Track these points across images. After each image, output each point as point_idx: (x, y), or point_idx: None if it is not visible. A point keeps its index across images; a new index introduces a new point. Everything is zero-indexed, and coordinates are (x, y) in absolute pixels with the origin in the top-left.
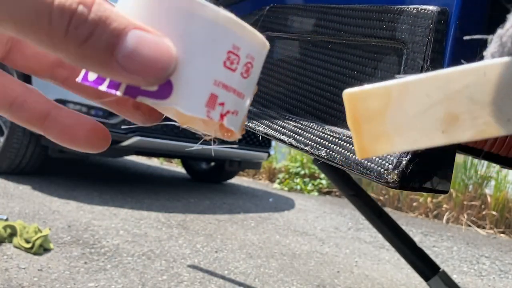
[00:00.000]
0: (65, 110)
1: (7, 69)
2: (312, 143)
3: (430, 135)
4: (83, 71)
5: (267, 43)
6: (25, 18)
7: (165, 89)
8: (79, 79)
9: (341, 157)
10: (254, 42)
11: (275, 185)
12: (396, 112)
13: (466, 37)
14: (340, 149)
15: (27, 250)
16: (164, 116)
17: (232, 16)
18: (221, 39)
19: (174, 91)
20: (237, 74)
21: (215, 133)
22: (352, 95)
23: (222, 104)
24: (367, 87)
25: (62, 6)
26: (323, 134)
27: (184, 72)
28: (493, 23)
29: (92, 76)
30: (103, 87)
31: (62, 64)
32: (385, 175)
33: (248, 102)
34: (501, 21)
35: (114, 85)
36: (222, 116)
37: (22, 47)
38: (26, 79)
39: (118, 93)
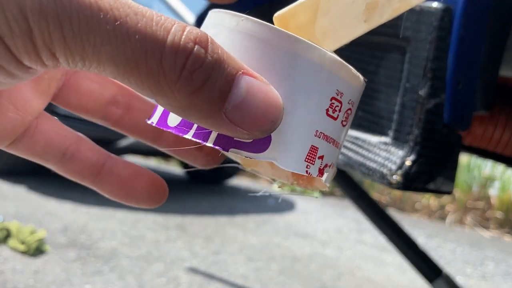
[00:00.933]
0: (120, 161)
1: None
2: None
3: (353, 28)
4: (157, 114)
5: (364, 83)
6: (130, 59)
7: (262, 142)
8: (152, 121)
9: (344, 158)
10: (355, 85)
11: (275, 186)
12: (324, 18)
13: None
14: (343, 150)
15: (23, 252)
16: (225, 157)
17: (336, 57)
18: (326, 85)
19: (273, 144)
20: (337, 122)
21: (287, 179)
22: (282, 16)
23: (321, 157)
24: (294, 4)
25: (177, 46)
26: None
27: (284, 123)
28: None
29: (173, 121)
30: (188, 136)
31: (116, 102)
32: (388, 176)
33: (340, 151)
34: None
35: (202, 135)
36: (320, 170)
37: (76, 82)
38: None
39: (209, 144)
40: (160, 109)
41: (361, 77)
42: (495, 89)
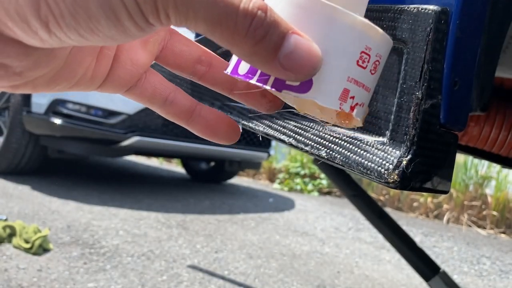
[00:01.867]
0: (206, 107)
1: None
2: (312, 143)
3: None
4: (231, 66)
5: (392, 42)
6: (216, 19)
7: (306, 85)
8: (228, 71)
9: (341, 157)
10: (383, 43)
11: (275, 185)
12: None
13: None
14: (340, 149)
15: (27, 250)
16: (284, 104)
17: (366, 21)
18: (357, 41)
19: (313, 86)
20: (367, 71)
21: (332, 120)
22: None
23: (352, 97)
24: None
25: (246, 10)
26: (323, 134)
27: (323, 70)
28: (494, 23)
29: (242, 70)
30: (253, 81)
31: (201, 61)
32: (385, 175)
33: (371, 94)
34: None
35: (263, 80)
36: (352, 108)
37: (172, 46)
38: None
39: (267, 87)
40: (233, 62)
41: (388, 36)
42: (491, 90)
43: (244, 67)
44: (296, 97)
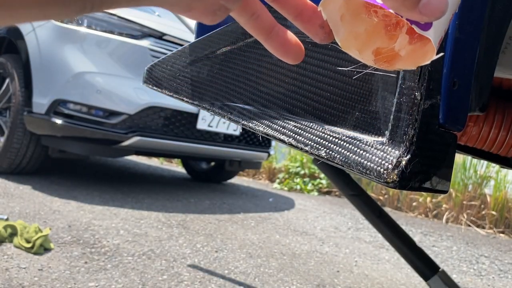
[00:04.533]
0: (282, 28)
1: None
2: (312, 143)
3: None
4: None
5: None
6: None
7: (428, 25)
8: None
9: (341, 157)
10: (457, 6)
11: (275, 185)
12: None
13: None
14: (340, 149)
15: (28, 250)
16: (333, 39)
17: None
18: (454, 6)
19: (432, 28)
20: (450, 22)
21: (370, 62)
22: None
23: (440, 42)
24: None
25: None
26: (323, 134)
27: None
28: (493, 24)
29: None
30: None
31: None
32: (384, 175)
33: None
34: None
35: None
36: (437, 51)
37: None
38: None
39: (404, 18)
40: None
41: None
42: (490, 90)
43: None
44: (418, 31)
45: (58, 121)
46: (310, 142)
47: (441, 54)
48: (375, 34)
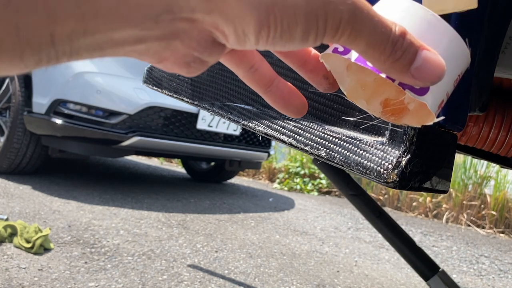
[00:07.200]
0: (283, 81)
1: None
2: (312, 143)
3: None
4: (355, 55)
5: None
6: (372, 43)
7: (424, 90)
8: (352, 59)
9: (341, 157)
10: (468, 65)
11: (275, 185)
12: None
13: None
14: (340, 149)
15: (28, 250)
16: (338, 88)
17: (468, 51)
18: (460, 66)
19: (429, 93)
20: (454, 86)
21: (377, 114)
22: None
23: (441, 106)
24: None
25: (394, 36)
26: (323, 134)
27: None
28: (493, 23)
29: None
30: (382, 75)
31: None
32: (384, 175)
33: None
34: (502, 19)
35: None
36: (437, 115)
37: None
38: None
39: (395, 83)
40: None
41: (470, 59)
42: (490, 90)
43: None
44: (413, 97)
45: (58, 121)
46: (310, 142)
47: (442, 117)
48: (385, 85)
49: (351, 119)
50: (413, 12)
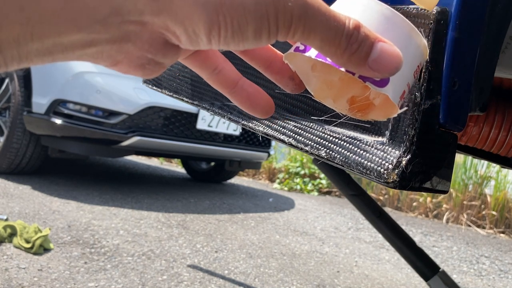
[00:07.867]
0: (248, 82)
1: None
2: (312, 143)
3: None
4: (314, 51)
5: (428, 53)
6: (327, 39)
7: (384, 81)
8: (311, 55)
9: (341, 157)
10: (426, 57)
11: (275, 185)
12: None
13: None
14: (340, 149)
15: (27, 250)
16: (304, 89)
17: (425, 42)
18: (418, 58)
19: (389, 84)
20: (414, 77)
21: (345, 111)
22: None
23: (403, 98)
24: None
25: (348, 31)
26: (323, 134)
27: (396, 74)
28: (493, 23)
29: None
30: (342, 69)
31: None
32: (385, 175)
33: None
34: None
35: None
36: (400, 105)
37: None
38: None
39: (355, 76)
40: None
41: (428, 51)
42: (490, 90)
43: None
44: (373, 88)
45: (58, 121)
46: (310, 142)
47: (405, 108)
48: (350, 83)
49: (319, 118)
50: (369, 7)
